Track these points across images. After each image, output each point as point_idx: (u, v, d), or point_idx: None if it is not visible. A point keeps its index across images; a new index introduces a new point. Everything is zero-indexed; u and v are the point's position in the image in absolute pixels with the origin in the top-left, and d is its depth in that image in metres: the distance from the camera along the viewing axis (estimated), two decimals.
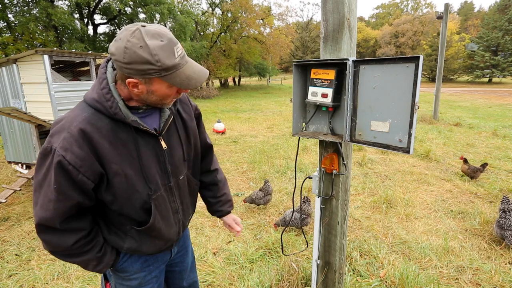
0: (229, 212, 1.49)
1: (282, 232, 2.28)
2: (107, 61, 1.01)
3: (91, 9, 18.70)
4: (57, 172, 0.90)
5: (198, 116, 1.32)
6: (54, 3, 15.68)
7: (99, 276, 2.57)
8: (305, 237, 2.56)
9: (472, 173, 4.52)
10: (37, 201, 0.95)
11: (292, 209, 3.28)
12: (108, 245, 1.11)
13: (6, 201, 3.79)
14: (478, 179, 4.55)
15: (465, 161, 4.61)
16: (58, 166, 0.89)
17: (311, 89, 1.64)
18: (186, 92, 1.04)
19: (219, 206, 1.46)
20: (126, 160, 0.99)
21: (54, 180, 0.90)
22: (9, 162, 5.05)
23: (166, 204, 1.12)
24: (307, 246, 2.60)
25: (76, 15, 18.38)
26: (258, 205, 3.80)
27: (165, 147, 1.09)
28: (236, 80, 36.21)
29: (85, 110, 0.96)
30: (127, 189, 1.00)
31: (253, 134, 8.61)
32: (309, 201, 3.33)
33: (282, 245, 2.42)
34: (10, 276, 2.64)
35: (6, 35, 15.88)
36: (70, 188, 0.92)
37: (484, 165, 4.56)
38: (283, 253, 2.40)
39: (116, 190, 0.99)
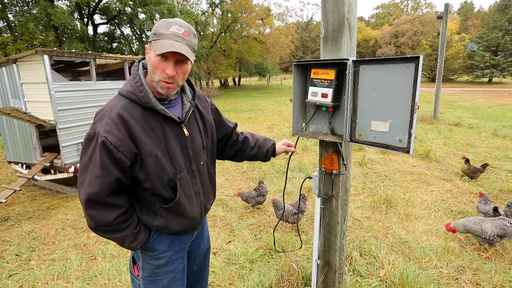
0: (274, 145, 1.67)
1: (274, 229, 2.28)
2: (139, 61, 1.22)
3: (91, 9, 18.68)
4: (101, 151, 1.06)
5: (215, 110, 1.50)
6: (54, 3, 15.67)
7: (97, 276, 2.57)
8: (299, 235, 2.55)
9: (471, 173, 4.52)
10: (84, 181, 1.10)
11: (289, 204, 3.30)
12: (142, 224, 1.26)
13: (6, 201, 3.79)
14: (478, 179, 4.55)
15: (467, 161, 4.60)
16: (102, 146, 1.06)
17: (311, 89, 1.64)
18: (169, 66, 1.12)
19: (263, 149, 1.64)
20: (155, 143, 1.15)
21: (99, 158, 1.07)
22: (9, 162, 5.04)
23: (189, 185, 1.27)
24: (301, 246, 2.60)
25: (76, 15, 18.37)
26: (253, 206, 3.79)
27: (187, 134, 1.25)
28: (236, 80, 36.20)
29: (121, 100, 1.14)
30: (157, 168, 1.15)
31: None
32: (306, 199, 3.35)
33: (274, 240, 2.42)
34: (10, 276, 2.64)
35: (6, 35, 15.87)
36: (112, 164, 1.08)
37: (485, 166, 4.55)
38: (275, 248, 2.40)
39: (148, 169, 1.14)
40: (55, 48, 4.37)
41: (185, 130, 1.24)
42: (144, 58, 1.24)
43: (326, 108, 1.64)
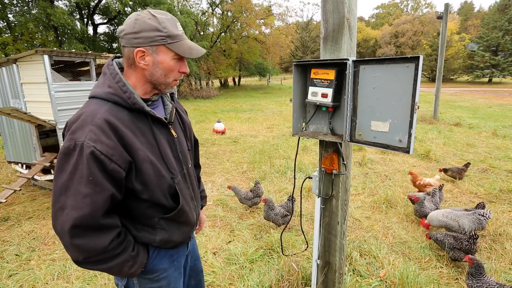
0: (202, 207, 1.52)
1: (281, 233, 2.28)
2: (112, 60, 1.08)
3: (91, 9, 18.69)
4: (90, 163, 0.89)
5: (186, 113, 1.44)
6: (54, 3, 15.66)
7: (97, 276, 2.57)
8: (304, 236, 2.54)
9: (458, 175, 4.48)
10: (64, 205, 0.90)
11: (279, 205, 3.31)
12: (138, 243, 1.11)
13: (6, 201, 3.79)
14: (463, 179, 4.55)
15: (444, 170, 4.58)
16: (91, 157, 0.89)
17: (311, 89, 1.64)
18: (184, 73, 1.10)
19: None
20: (148, 148, 1.03)
21: (88, 172, 0.89)
22: (9, 162, 5.04)
23: (185, 190, 1.19)
24: (307, 247, 2.59)
25: (76, 15, 18.38)
26: (250, 206, 3.78)
27: (175, 135, 1.17)
28: (236, 80, 36.20)
29: (103, 104, 0.98)
30: (154, 174, 1.03)
31: (253, 134, 8.61)
32: (294, 200, 3.34)
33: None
34: (10, 276, 2.64)
35: (6, 35, 15.88)
36: (105, 178, 0.92)
37: (467, 165, 4.58)
38: (282, 252, 2.40)
39: (146, 177, 1.01)
40: (55, 48, 4.37)
41: (172, 131, 1.16)
42: (118, 57, 1.12)
43: (326, 108, 1.64)
